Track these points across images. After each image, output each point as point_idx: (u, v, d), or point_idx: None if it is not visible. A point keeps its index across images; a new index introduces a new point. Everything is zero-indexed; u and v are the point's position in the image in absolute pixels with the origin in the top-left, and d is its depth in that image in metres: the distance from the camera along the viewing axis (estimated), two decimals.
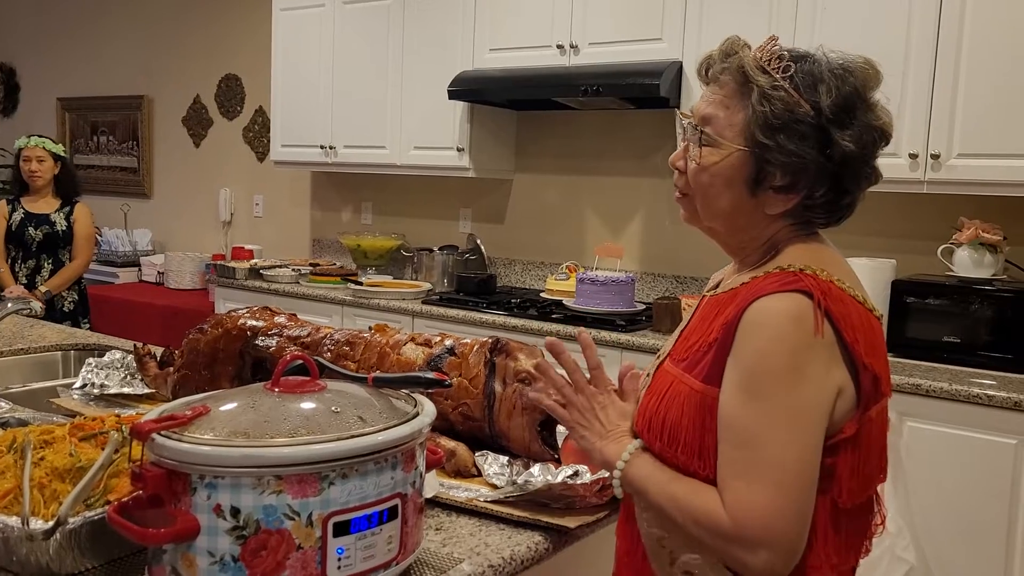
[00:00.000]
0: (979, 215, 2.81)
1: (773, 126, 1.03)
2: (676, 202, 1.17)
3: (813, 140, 1.03)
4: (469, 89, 3.60)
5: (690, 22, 3.14)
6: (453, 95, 3.60)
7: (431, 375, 1.10)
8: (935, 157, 2.69)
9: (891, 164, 2.76)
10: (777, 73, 1.04)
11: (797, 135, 1.03)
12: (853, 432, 1.01)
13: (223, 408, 0.98)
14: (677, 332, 1.22)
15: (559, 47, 3.43)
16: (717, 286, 1.21)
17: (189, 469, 0.90)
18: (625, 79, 3.17)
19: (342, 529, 0.94)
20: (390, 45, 3.96)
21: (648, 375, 1.20)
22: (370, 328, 1.72)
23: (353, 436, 0.94)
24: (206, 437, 0.92)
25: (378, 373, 1.10)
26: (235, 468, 0.90)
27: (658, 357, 1.21)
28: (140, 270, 5.29)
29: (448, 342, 1.55)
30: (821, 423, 0.99)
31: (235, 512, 0.90)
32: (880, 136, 1.07)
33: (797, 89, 1.03)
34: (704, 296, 1.20)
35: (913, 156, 2.72)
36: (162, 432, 0.92)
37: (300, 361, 1.08)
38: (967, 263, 2.76)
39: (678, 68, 3.13)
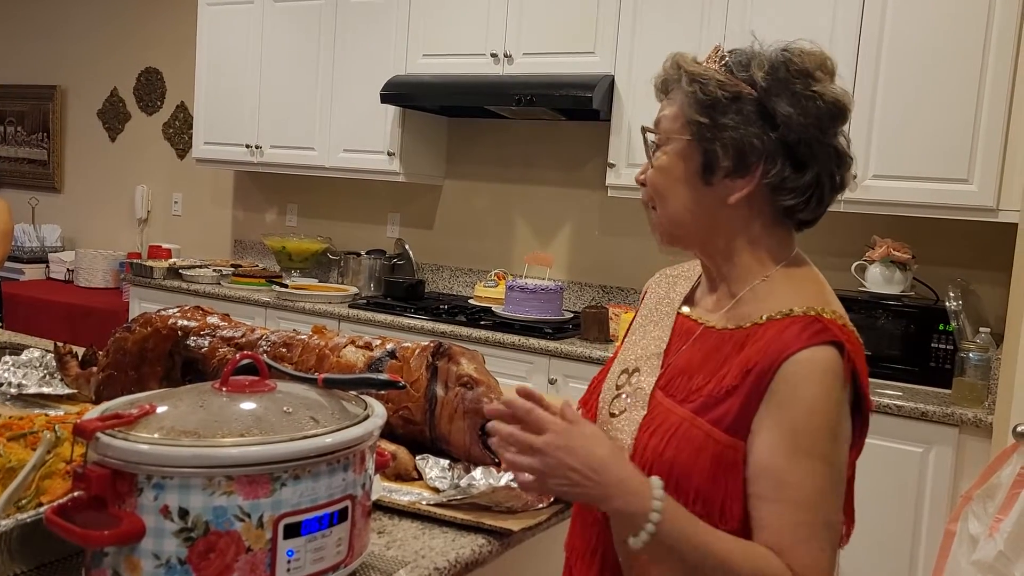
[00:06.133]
0: (891, 234, 2.95)
1: (705, 104, 1.03)
2: (651, 227, 1.13)
3: (754, 115, 1.02)
4: (401, 94, 3.58)
5: (622, 38, 3.20)
6: (385, 99, 3.58)
7: (384, 376, 1.10)
8: (852, 177, 2.81)
9: None
10: (711, 62, 1.06)
11: (734, 111, 1.02)
12: (849, 475, 1.03)
13: (170, 407, 0.96)
14: (651, 349, 1.15)
15: (493, 56, 3.45)
16: (691, 302, 1.17)
17: (135, 469, 0.88)
18: (558, 90, 3.21)
19: (293, 531, 0.92)
20: (321, 46, 3.91)
21: (617, 389, 1.14)
22: (295, 330, 1.70)
23: (307, 437, 0.93)
24: (154, 437, 0.90)
25: (328, 374, 1.09)
26: (185, 468, 0.88)
27: (626, 370, 1.15)
28: (48, 267, 5.07)
29: (389, 345, 1.55)
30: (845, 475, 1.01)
31: (183, 513, 0.88)
32: (830, 106, 1.03)
33: (730, 71, 1.04)
34: (688, 317, 1.15)
35: None
36: (107, 431, 0.90)
37: (246, 361, 1.06)
38: (879, 279, 2.90)
39: (610, 82, 3.19)
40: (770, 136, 1.02)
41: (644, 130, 1.13)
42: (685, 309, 1.16)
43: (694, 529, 0.95)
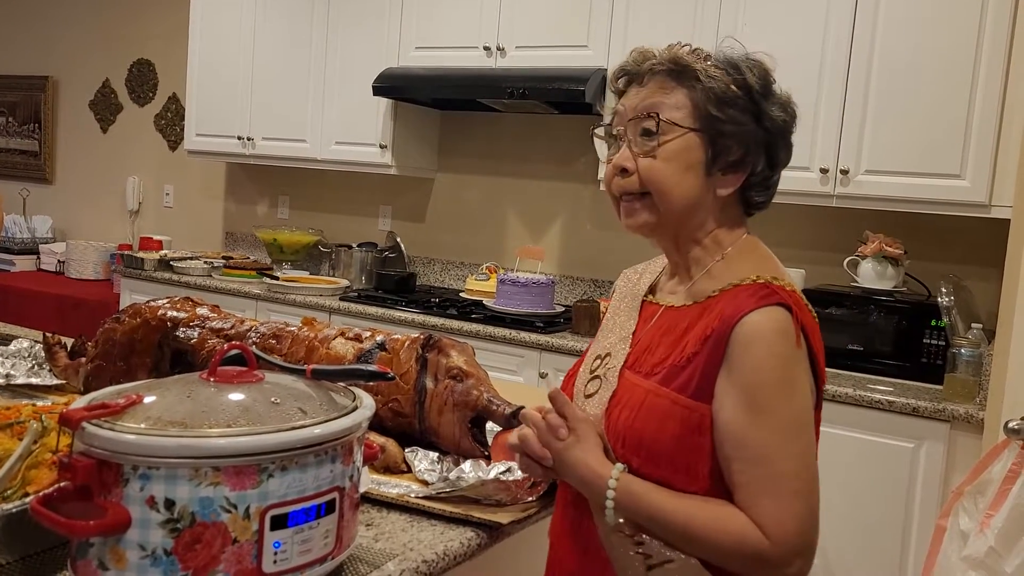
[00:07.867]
0: (883, 229, 2.95)
1: (722, 99, 1.09)
2: (625, 206, 1.14)
3: (750, 114, 1.10)
4: (394, 86, 3.57)
5: (615, 31, 3.19)
6: (378, 91, 3.57)
7: (373, 367, 1.09)
8: (844, 172, 2.82)
9: (803, 178, 2.87)
10: (700, 62, 1.12)
11: (739, 108, 1.10)
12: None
13: (157, 397, 0.95)
14: (619, 334, 1.20)
15: (486, 48, 3.44)
16: (653, 291, 1.23)
17: (122, 459, 0.87)
18: (551, 83, 3.21)
19: (279, 523, 0.92)
20: (314, 38, 3.89)
21: (591, 374, 1.19)
22: (285, 322, 1.69)
23: (294, 428, 0.92)
24: (140, 426, 0.89)
25: (316, 365, 1.09)
26: (171, 459, 0.87)
27: (599, 355, 1.20)
28: (39, 258, 5.04)
29: (379, 337, 1.54)
30: (812, 427, 1.05)
31: (169, 504, 0.87)
32: (793, 111, 1.15)
33: (724, 71, 1.11)
34: (651, 302, 1.20)
35: (824, 171, 2.84)
36: (93, 421, 0.89)
37: (235, 352, 1.06)
38: (871, 275, 2.90)
39: (603, 75, 3.18)
40: (762, 134, 1.11)
41: (646, 115, 1.11)
42: (649, 297, 1.23)
43: (658, 500, 1.03)
